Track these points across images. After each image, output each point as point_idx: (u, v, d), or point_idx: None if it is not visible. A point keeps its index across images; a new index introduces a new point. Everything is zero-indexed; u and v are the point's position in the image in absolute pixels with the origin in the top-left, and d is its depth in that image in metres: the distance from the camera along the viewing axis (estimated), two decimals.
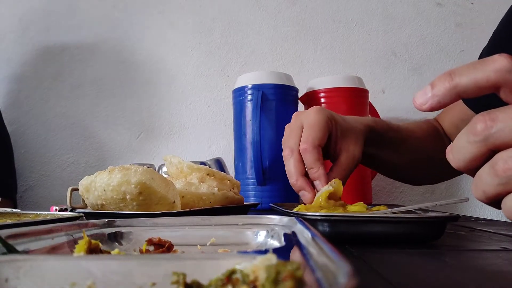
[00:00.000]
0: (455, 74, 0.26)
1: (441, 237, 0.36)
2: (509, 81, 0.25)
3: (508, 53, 0.26)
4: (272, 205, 0.53)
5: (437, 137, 0.72)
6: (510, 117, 0.24)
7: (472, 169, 0.26)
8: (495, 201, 0.25)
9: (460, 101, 0.69)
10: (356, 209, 0.43)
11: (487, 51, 0.68)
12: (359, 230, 0.35)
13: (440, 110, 0.71)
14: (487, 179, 0.25)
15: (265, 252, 0.18)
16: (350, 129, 0.55)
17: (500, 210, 0.26)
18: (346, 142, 0.54)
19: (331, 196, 0.45)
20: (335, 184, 0.46)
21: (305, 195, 0.50)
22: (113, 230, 0.31)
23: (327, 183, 0.48)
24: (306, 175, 0.52)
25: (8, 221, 0.40)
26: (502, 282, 0.24)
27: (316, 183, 0.50)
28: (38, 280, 0.17)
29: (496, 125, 0.24)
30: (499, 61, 0.25)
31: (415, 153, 0.66)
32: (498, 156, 0.24)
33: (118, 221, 0.32)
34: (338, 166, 0.53)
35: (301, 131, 0.52)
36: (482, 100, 0.27)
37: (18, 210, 0.51)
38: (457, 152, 0.27)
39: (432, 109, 0.27)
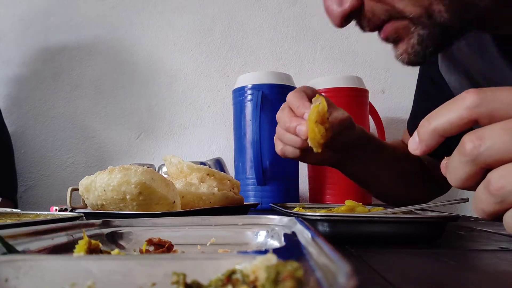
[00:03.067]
0: (432, 118, 0.28)
1: (441, 237, 0.36)
2: (482, 114, 0.26)
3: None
4: (272, 205, 0.53)
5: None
6: (496, 135, 0.24)
7: (471, 186, 0.27)
8: (496, 217, 0.26)
9: None
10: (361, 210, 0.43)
11: (412, 118, 0.72)
12: (359, 230, 0.35)
13: None
14: (483, 198, 0.25)
15: (265, 252, 0.18)
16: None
17: None
18: (337, 109, 0.56)
19: (320, 120, 0.46)
20: (320, 99, 0.47)
21: (301, 129, 0.50)
22: (112, 230, 0.31)
23: None
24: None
25: (8, 221, 0.40)
26: (502, 282, 0.24)
27: (305, 116, 0.50)
28: (38, 280, 0.17)
29: (484, 144, 0.24)
30: (467, 98, 0.26)
31: (404, 166, 0.67)
32: (490, 175, 0.25)
33: (118, 221, 0.32)
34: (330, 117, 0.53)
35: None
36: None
37: (18, 210, 0.51)
38: (453, 173, 0.27)
39: (424, 152, 0.29)
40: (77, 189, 0.51)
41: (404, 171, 0.67)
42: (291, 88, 0.83)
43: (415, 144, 0.29)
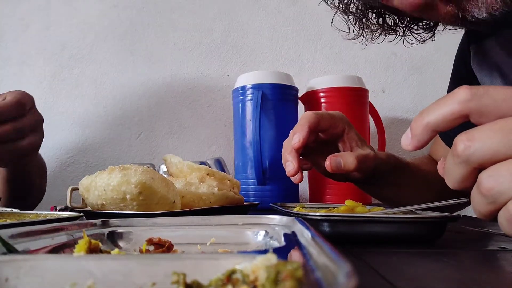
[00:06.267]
0: (424, 113, 0.28)
1: (441, 237, 0.36)
2: (472, 109, 0.26)
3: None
4: (272, 205, 0.53)
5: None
6: (486, 135, 0.25)
7: (468, 187, 0.27)
8: (493, 218, 0.26)
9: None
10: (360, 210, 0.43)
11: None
12: (359, 230, 0.35)
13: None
14: (477, 199, 0.26)
15: (265, 252, 0.18)
16: (366, 143, 0.57)
17: None
18: (363, 146, 0.55)
19: None
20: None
21: (289, 165, 0.51)
22: (113, 230, 0.31)
23: (304, 138, 0.50)
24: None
25: (8, 221, 0.40)
26: (502, 282, 0.24)
27: (295, 136, 0.51)
28: (38, 280, 0.17)
29: (474, 145, 0.25)
30: (459, 93, 0.27)
31: (423, 186, 0.64)
32: (481, 176, 0.25)
33: (118, 221, 0.32)
34: (352, 152, 0.53)
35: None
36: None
37: (18, 210, 0.51)
38: (448, 174, 0.28)
39: (416, 148, 0.29)
40: (77, 189, 0.51)
41: (436, 193, 0.66)
42: (291, 87, 0.83)
43: (408, 140, 0.30)
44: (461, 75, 0.67)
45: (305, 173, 0.94)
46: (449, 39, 1.17)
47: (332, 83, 0.85)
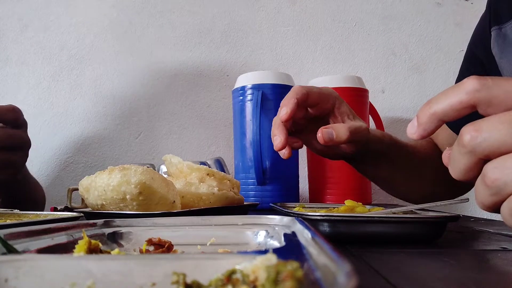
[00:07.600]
0: (432, 102, 0.28)
1: (442, 237, 0.36)
2: (481, 99, 0.26)
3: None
4: (272, 205, 0.53)
5: (439, 153, 0.70)
6: (493, 126, 0.24)
7: (472, 178, 0.27)
8: (496, 209, 0.26)
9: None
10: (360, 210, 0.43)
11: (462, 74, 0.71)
12: (359, 230, 0.35)
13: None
14: (481, 190, 0.26)
15: (265, 252, 0.18)
16: (358, 117, 0.56)
17: None
18: (355, 119, 0.55)
19: None
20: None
21: (276, 139, 0.51)
22: (113, 230, 0.31)
23: (291, 110, 0.49)
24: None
25: (8, 221, 0.40)
26: (502, 282, 0.24)
27: (282, 109, 0.51)
28: (38, 280, 0.17)
29: (481, 135, 0.25)
30: (467, 83, 0.27)
31: (420, 168, 0.65)
32: (486, 167, 0.25)
33: (118, 221, 0.32)
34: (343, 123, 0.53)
35: None
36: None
37: (18, 210, 0.51)
38: (453, 164, 0.28)
39: (421, 136, 0.29)
40: (77, 189, 0.51)
41: (429, 180, 0.65)
42: (291, 88, 0.83)
43: (413, 128, 0.29)
44: (477, 57, 0.66)
45: (305, 173, 0.94)
46: (449, 39, 1.17)
47: (332, 83, 0.85)
